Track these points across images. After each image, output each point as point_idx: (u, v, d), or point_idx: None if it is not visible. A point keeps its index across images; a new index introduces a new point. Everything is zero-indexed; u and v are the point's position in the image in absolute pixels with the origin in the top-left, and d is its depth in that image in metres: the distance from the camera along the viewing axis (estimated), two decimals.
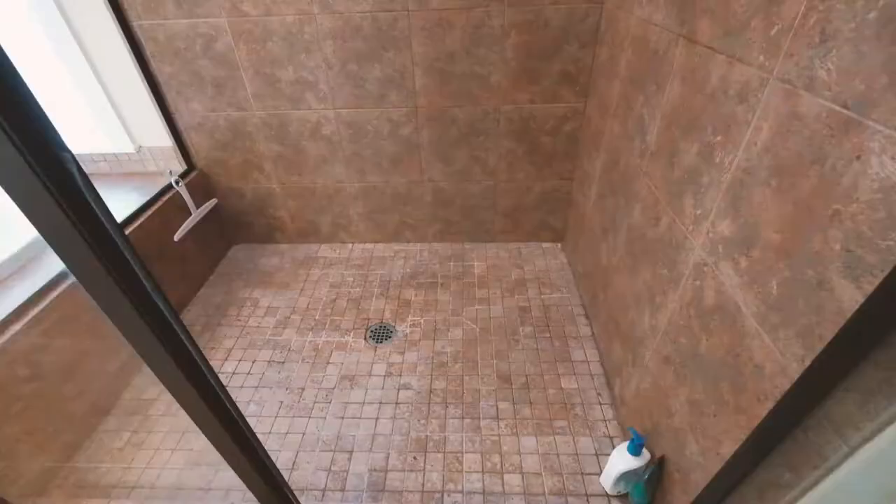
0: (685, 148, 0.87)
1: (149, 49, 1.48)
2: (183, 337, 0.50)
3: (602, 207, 1.39)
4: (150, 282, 0.46)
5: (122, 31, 1.42)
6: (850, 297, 0.49)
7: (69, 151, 0.36)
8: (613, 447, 1.17)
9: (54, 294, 1.19)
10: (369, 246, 1.99)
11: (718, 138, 0.75)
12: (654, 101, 1.01)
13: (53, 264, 1.30)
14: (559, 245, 1.94)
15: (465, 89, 1.51)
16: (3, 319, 1.08)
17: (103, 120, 1.65)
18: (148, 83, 1.54)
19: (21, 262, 1.27)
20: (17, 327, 1.09)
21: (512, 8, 1.34)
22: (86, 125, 1.65)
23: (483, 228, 1.92)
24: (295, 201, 1.86)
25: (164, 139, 1.69)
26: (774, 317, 0.61)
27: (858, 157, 0.48)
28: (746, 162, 0.68)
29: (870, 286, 0.47)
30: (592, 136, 1.48)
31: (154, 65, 1.51)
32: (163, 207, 1.57)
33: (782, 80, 0.60)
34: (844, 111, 0.50)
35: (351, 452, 1.21)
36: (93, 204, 0.38)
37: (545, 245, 1.95)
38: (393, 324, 1.60)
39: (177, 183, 1.63)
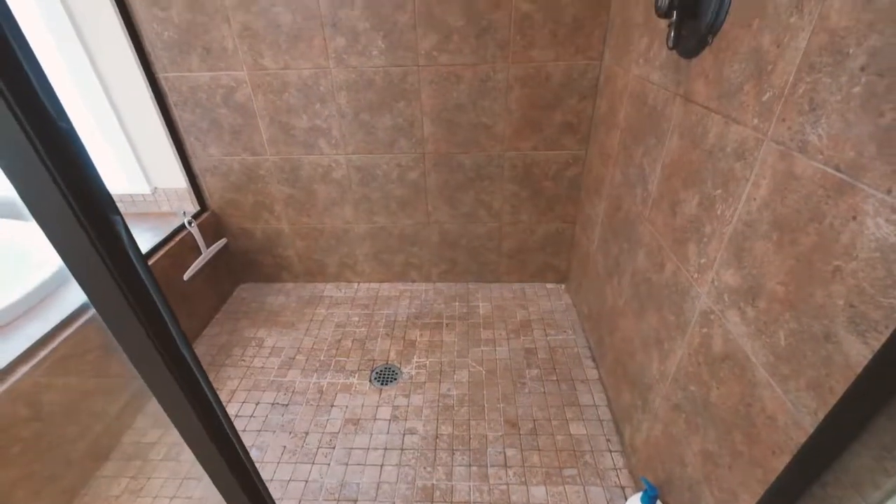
0: (686, 198, 0.90)
1: (172, 98, 1.56)
2: (200, 379, 0.51)
3: (606, 251, 1.42)
4: (177, 330, 0.48)
5: (148, 82, 1.51)
6: (858, 352, 0.50)
7: (120, 215, 0.39)
8: (626, 498, 1.13)
9: (64, 335, 1.19)
10: (375, 285, 2.00)
11: (718, 191, 0.79)
12: (654, 153, 1.06)
13: (65, 303, 1.32)
14: (563, 286, 1.96)
15: (471, 137, 1.58)
16: (13, 361, 1.08)
17: (123, 162, 1.71)
18: (168, 129, 1.61)
19: (32, 302, 1.29)
20: (24, 369, 1.09)
21: (515, 64, 1.43)
22: (108, 168, 1.71)
23: (488, 269, 1.94)
24: (303, 241, 1.90)
25: (180, 181, 1.75)
26: (784, 367, 0.62)
27: (854, 218, 0.51)
28: (747, 215, 0.71)
29: (876, 342, 0.48)
30: (594, 181, 1.53)
31: (176, 112, 1.59)
32: (174, 247, 1.60)
33: (777, 142, 0.64)
34: (837, 174, 0.54)
35: (355, 502, 1.17)
36: (139, 267, 0.40)
37: (549, 286, 1.96)
38: (398, 365, 1.59)
39: (189, 223, 1.67)
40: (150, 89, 1.52)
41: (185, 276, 1.64)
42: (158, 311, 0.48)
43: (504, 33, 1.38)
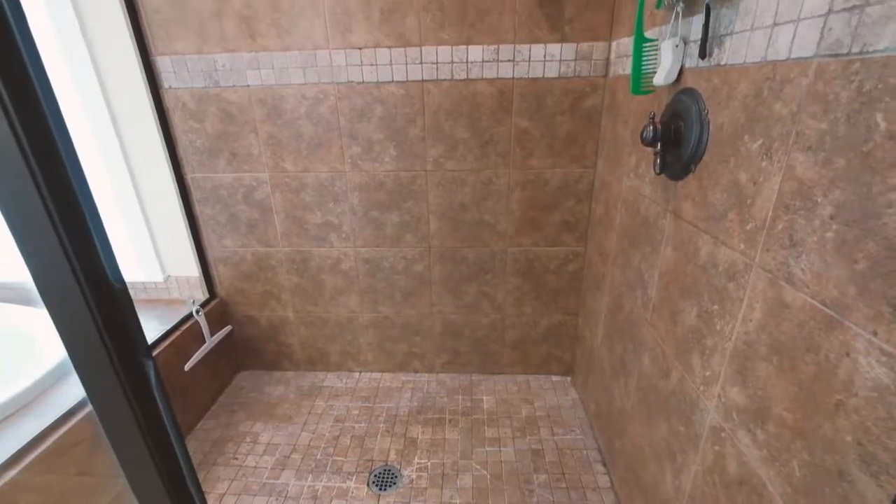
0: (685, 308, 0.93)
1: (196, 195, 1.67)
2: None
3: (610, 347, 1.42)
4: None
5: (175, 181, 1.63)
6: (873, 495, 0.50)
7: (152, 357, 0.42)
8: None
9: (55, 435, 1.16)
10: (377, 375, 1.96)
11: (715, 307, 0.82)
12: (650, 260, 1.11)
13: (57, 402, 1.29)
14: (569, 379, 1.92)
15: (474, 234, 1.66)
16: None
17: (141, 251, 1.78)
18: (188, 222, 1.70)
19: (27, 400, 1.27)
20: (11, 473, 1.04)
21: (516, 170, 1.55)
22: (126, 257, 1.78)
23: (492, 360, 1.92)
24: (307, 329, 1.91)
25: (193, 270, 1.80)
26: (803, 502, 0.60)
27: (848, 354, 0.53)
28: (746, 335, 0.73)
29: (891, 487, 0.48)
30: (594, 277, 1.58)
31: (198, 208, 1.69)
32: (179, 337, 1.60)
33: (765, 270, 0.68)
34: (825, 309, 0.57)
35: None
36: (162, 409, 0.42)
37: (555, 378, 1.92)
38: (398, 466, 1.51)
39: (197, 312, 1.69)
40: (176, 187, 1.63)
41: (186, 367, 1.62)
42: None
43: (505, 145, 1.51)
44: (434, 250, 1.70)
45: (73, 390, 1.35)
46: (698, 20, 0.84)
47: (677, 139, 0.91)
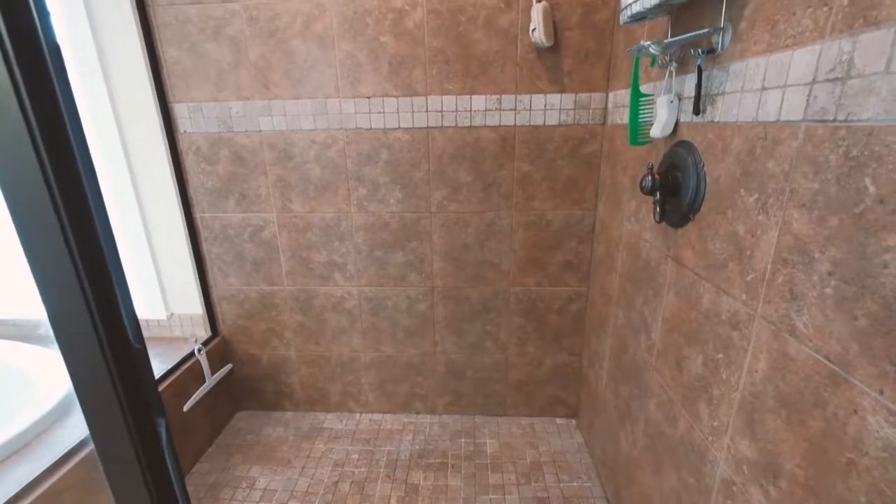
0: (690, 355, 0.93)
1: (204, 234, 1.70)
2: None
3: (615, 391, 1.40)
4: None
5: (184, 220, 1.66)
6: None
7: (164, 416, 0.42)
8: None
9: (51, 479, 1.13)
10: (378, 417, 1.92)
11: (720, 355, 0.82)
12: (653, 304, 1.12)
13: (57, 440, 1.27)
14: (574, 421, 1.88)
15: (477, 273, 1.68)
16: None
17: (146, 289, 1.79)
18: (195, 260, 1.72)
19: (25, 441, 1.25)
20: None
21: (518, 212, 1.59)
22: (132, 295, 1.79)
23: (495, 401, 1.89)
24: (308, 368, 1.89)
25: (196, 308, 1.81)
26: None
27: (856, 412, 0.53)
28: (752, 386, 0.73)
29: None
30: (598, 318, 1.58)
31: (205, 247, 1.72)
32: (179, 377, 1.59)
33: (767, 321, 0.69)
34: (829, 364, 0.57)
35: None
36: (171, 470, 0.42)
37: (559, 421, 1.88)
38: None
39: (199, 351, 1.68)
40: (185, 226, 1.66)
41: (185, 408, 1.60)
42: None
43: (507, 187, 1.55)
44: (437, 289, 1.71)
45: (67, 433, 1.32)
46: (691, 79, 0.89)
47: (675, 189, 0.94)
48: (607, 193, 1.47)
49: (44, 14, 0.61)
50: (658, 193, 0.95)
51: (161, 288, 1.80)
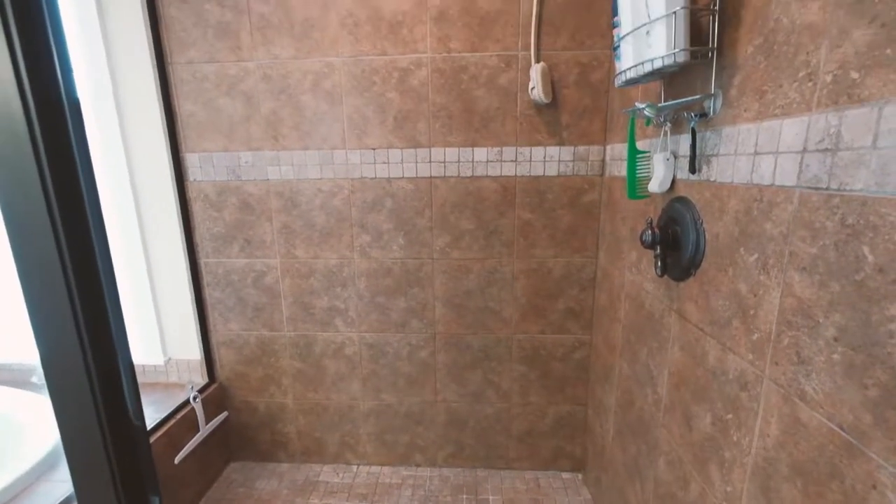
0: (698, 413, 0.91)
1: (207, 279, 1.71)
2: None
3: (623, 445, 1.35)
4: None
5: (189, 265, 1.67)
6: None
7: (159, 494, 0.41)
8: None
9: None
10: (376, 469, 1.85)
11: (730, 416, 0.80)
12: (658, 358, 1.10)
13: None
14: (580, 476, 1.80)
15: (479, 320, 1.66)
16: None
17: (145, 333, 1.78)
18: (196, 305, 1.72)
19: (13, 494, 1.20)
20: None
21: (519, 259, 1.60)
22: (131, 340, 1.77)
23: (497, 453, 1.82)
24: (305, 417, 1.83)
25: (195, 353, 1.78)
26: None
27: (874, 487, 0.51)
28: (765, 452, 0.70)
29: None
30: (602, 367, 1.55)
31: (207, 291, 1.72)
32: (174, 426, 1.54)
33: (776, 383, 0.68)
34: (843, 434, 0.56)
35: None
36: None
37: (565, 475, 1.80)
38: None
39: (194, 399, 1.64)
40: (189, 271, 1.67)
41: (176, 460, 1.54)
42: None
43: (509, 235, 1.57)
44: (439, 336, 1.70)
45: (53, 487, 1.27)
46: (686, 139, 0.92)
47: (676, 243, 0.96)
48: (607, 242, 1.48)
49: (67, 71, 0.64)
50: (658, 248, 0.97)
51: (160, 332, 1.79)
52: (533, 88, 1.37)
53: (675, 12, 0.75)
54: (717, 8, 0.78)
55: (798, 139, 0.62)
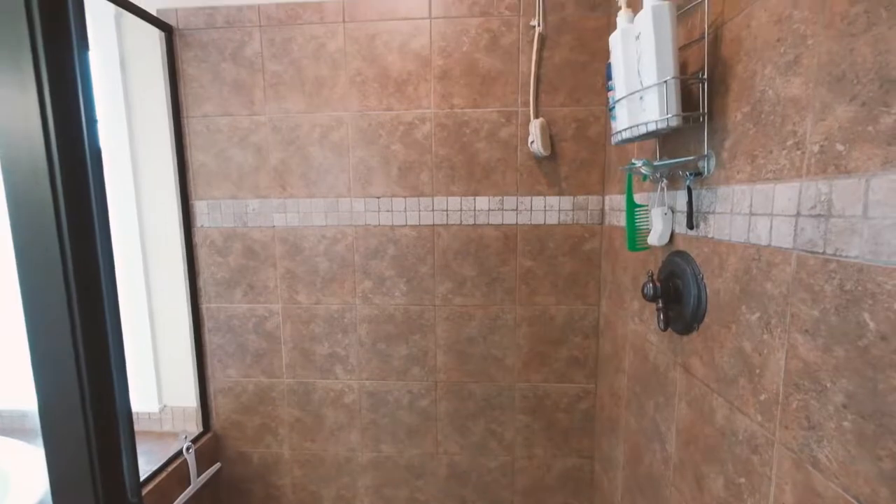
0: (710, 474, 0.88)
1: (208, 325, 1.70)
2: None
3: None
4: None
5: (191, 311, 1.67)
6: None
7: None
8: None
9: None
10: None
11: (742, 480, 0.77)
12: (665, 413, 1.07)
13: None
14: None
15: (481, 368, 1.64)
16: None
17: (142, 381, 1.75)
18: (195, 351, 1.70)
19: None
20: None
21: (522, 306, 1.59)
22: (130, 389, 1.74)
23: None
24: (301, 469, 1.76)
25: (190, 400, 1.74)
26: None
27: None
28: None
29: None
30: (608, 420, 1.51)
31: (207, 336, 1.71)
32: (164, 480, 1.48)
33: (787, 448, 0.66)
34: None
35: None
36: None
37: None
38: None
39: (188, 450, 1.59)
40: (191, 317, 1.67)
41: None
42: None
43: (511, 282, 1.58)
44: (440, 384, 1.66)
45: None
46: (682, 195, 0.95)
47: (677, 297, 0.96)
48: (609, 290, 1.49)
49: (92, 122, 0.67)
50: (660, 301, 0.97)
51: (157, 379, 1.76)
52: (532, 142, 1.43)
53: (665, 81, 0.80)
54: (705, 77, 0.83)
55: (791, 203, 0.64)
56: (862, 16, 0.53)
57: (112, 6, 1.41)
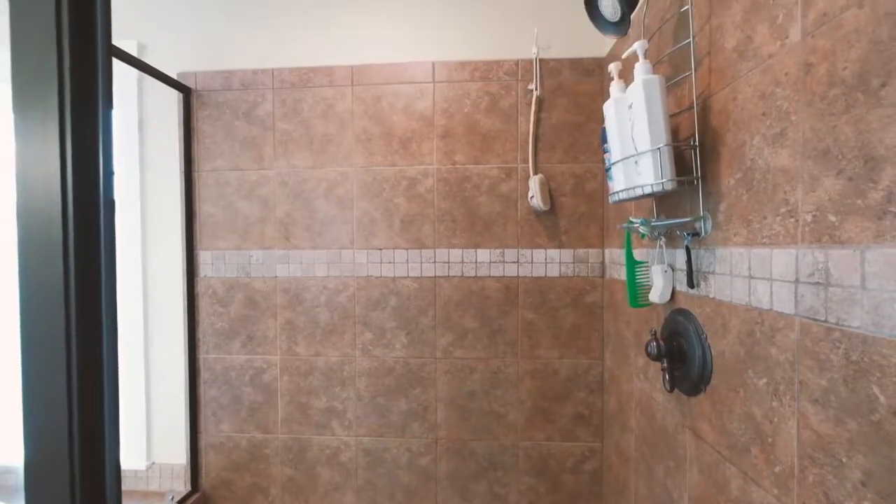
0: None
1: (204, 376, 1.66)
2: None
3: None
4: None
5: (188, 364, 1.64)
6: None
7: None
8: None
9: None
10: None
11: None
12: (676, 478, 1.02)
13: None
14: None
15: (483, 424, 1.58)
16: None
17: (132, 436, 1.69)
18: (190, 403, 1.65)
19: None
20: None
21: (524, 359, 1.57)
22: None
23: None
24: None
25: (180, 457, 1.67)
26: None
27: None
28: None
29: None
30: (616, 482, 1.43)
31: (203, 389, 1.67)
32: None
33: None
34: None
35: None
36: None
37: None
38: None
39: None
40: (187, 368, 1.64)
41: None
42: None
43: (512, 335, 1.56)
44: (441, 442, 1.60)
45: None
46: (681, 253, 0.96)
47: (682, 356, 0.94)
48: (612, 344, 1.47)
49: (109, 174, 0.69)
50: (665, 360, 0.95)
51: (147, 434, 1.70)
52: (532, 197, 1.47)
53: (659, 148, 0.83)
54: (696, 144, 0.86)
55: (789, 269, 0.65)
56: (840, 97, 0.57)
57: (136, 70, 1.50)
